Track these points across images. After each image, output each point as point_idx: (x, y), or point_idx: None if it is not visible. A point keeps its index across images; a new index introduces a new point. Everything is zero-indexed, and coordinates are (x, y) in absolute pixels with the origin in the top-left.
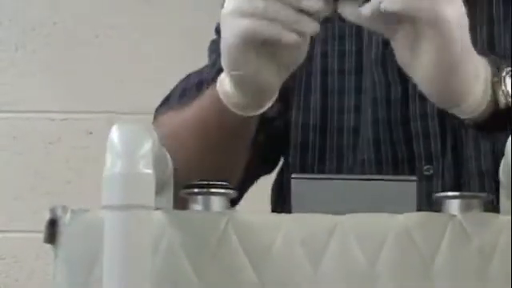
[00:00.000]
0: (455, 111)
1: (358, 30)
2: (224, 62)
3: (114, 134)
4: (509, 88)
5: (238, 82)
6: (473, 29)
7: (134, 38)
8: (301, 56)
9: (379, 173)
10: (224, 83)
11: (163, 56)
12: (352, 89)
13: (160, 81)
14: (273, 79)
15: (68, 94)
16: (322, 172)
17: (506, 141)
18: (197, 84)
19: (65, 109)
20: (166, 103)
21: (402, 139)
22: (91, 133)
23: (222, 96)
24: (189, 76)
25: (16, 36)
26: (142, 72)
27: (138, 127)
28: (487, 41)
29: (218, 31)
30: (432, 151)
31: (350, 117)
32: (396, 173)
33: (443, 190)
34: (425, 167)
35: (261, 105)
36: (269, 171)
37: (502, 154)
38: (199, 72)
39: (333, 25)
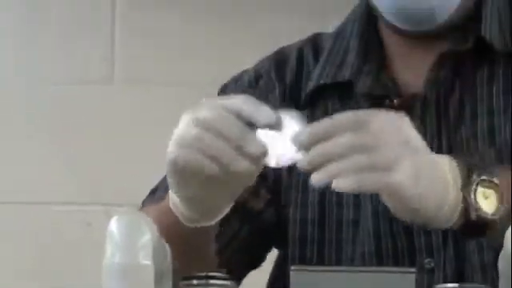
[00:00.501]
0: (430, 226)
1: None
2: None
3: (114, 225)
4: (479, 202)
5: (184, 201)
6: (473, 119)
7: (134, 130)
8: (248, 182)
9: (379, 265)
10: (173, 196)
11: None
12: None
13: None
14: (220, 202)
15: (67, 185)
16: (322, 264)
17: None
18: None
19: (63, 200)
20: (152, 195)
21: (402, 231)
22: (90, 224)
23: (171, 206)
24: None
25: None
26: (142, 165)
27: (137, 219)
28: (487, 131)
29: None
30: (433, 244)
31: (349, 211)
32: (396, 265)
33: (445, 283)
34: (426, 260)
35: (210, 220)
36: (255, 266)
37: None
38: None
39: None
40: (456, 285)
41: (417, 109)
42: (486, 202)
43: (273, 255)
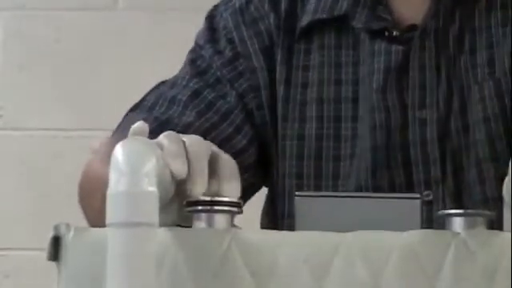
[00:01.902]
0: None
1: (355, 59)
2: None
3: (118, 151)
4: None
5: None
6: (473, 51)
7: (138, 57)
8: None
9: None
10: None
11: (168, 76)
12: (349, 117)
13: None
14: None
15: (71, 112)
16: None
17: None
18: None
19: (68, 126)
20: (135, 111)
21: (400, 165)
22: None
23: None
24: (161, 85)
25: (19, 54)
26: (144, 91)
27: (142, 145)
28: (487, 63)
29: (197, 43)
30: (431, 176)
31: (347, 144)
32: None
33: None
34: (424, 193)
35: None
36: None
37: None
38: (171, 84)
39: (329, 52)
40: (460, 211)
41: (416, 40)
42: None
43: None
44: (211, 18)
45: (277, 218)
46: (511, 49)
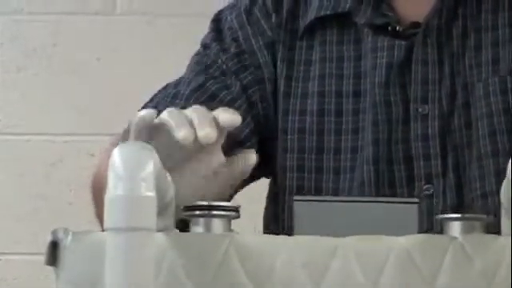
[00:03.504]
0: None
1: (358, 53)
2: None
3: (116, 155)
4: None
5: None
6: (477, 49)
7: (135, 60)
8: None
9: (377, 192)
10: None
11: (164, 78)
12: (350, 111)
13: None
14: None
15: (69, 116)
16: (319, 193)
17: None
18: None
19: (66, 131)
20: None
21: (401, 159)
22: (93, 155)
23: None
24: (167, 86)
25: (17, 58)
26: (142, 94)
27: (140, 149)
28: (492, 61)
29: (203, 44)
30: (432, 171)
31: (348, 138)
32: (394, 192)
33: (445, 210)
34: (425, 186)
35: None
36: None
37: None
38: (176, 84)
39: (331, 48)
40: (458, 215)
41: (419, 36)
42: None
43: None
44: (217, 21)
45: (278, 212)
46: None
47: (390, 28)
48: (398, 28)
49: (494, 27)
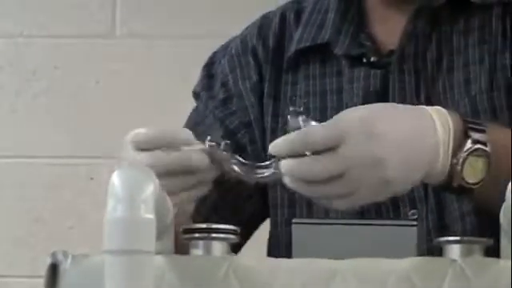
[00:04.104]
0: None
1: (339, 85)
2: None
3: (116, 178)
4: (464, 172)
5: None
6: (450, 71)
7: (135, 83)
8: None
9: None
10: None
11: (164, 100)
12: None
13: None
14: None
15: (69, 140)
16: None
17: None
18: None
19: (65, 154)
20: None
21: None
22: (92, 178)
23: None
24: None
25: (16, 81)
26: (142, 117)
27: (140, 171)
28: (463, 82)
29: (195, 94)
30: (415, 196)
31: None
32: (380, 218)
33: (428, 234)
34: (410, 212)
35: None
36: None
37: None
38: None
39: (314, 81)
40: (457, 238)
41: (394, 64)
42: (473, 171)
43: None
44: (209, 65)
45: (278, 246)
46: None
47: (364, 59)
48: (372, 59)
49: (465, 47)
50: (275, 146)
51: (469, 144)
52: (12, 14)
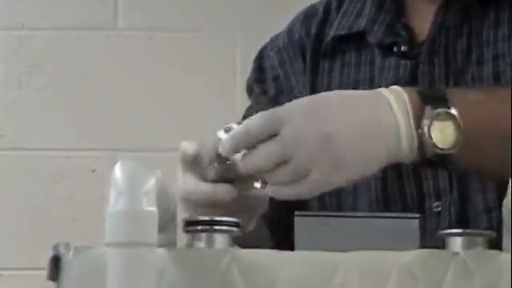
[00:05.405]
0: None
1: (371, 74)
2: None
3: (118, 171)
4: (434, 138)
5: None
6: (479, 64)
7: (136, 76)
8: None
9: (387, 211)
10: None
11: (165, 95)
12: None
13: (162, 119)
14: None
15: (71, 132)
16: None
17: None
18: None
19: (68, 146)
20: None
21: (411, 177)
22: (94, 170)
23: None
24: None
25: (18, 73)
26: (144, 108)
27: (141, 165)
28: (493, 76)
29: (248, 87)
30: (441, 188)
31: None
32: (405, 210)
33: (450, 226)
34: (434, 204)
35: None
36: None
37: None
38: None
39: (349, 70)
40: (460, 230)
41: (424, 55)
42: (443, 136)
43: None
44: (260, 59)
45: None
46: None
47: (395, 49)
48: (402, 48)
49: (495, 41)
50: (221, 146)
51: (429, 110)
52: (14, 6)
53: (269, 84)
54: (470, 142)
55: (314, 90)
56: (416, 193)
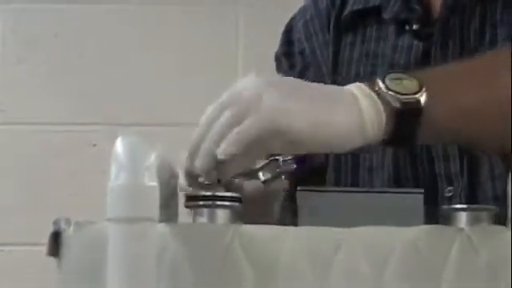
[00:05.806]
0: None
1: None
2: None
3: (119, 145)
4: (393, 88)
5: None
6: (492, 44)
7: (136, 50)
8: None
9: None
10: None
11: (165, 69)
12: None
13: (163, 93)
14: None
15: (71, 106)
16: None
17: None
18: None
19: (68, 121)
20: None
21: (424, 160)
22: (95, 145)
23: None
24: None
25: (18, 49)
26: (145, 83)
27: (142, 139)
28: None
29: (276, 58)
30: (452, 172)
31: None
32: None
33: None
34: (447, 189)
35: None
36: None
37: None
38: None
39: (369, 45)
40: (464, 206)
41: (437, 35)
42: (402, 86)
43: None
44: (288, 31)
45: None
46: None
47: (407, 27)
48: (414, 27)
49: (508, 21)
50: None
51: (380, 79)
52: None
53: (295, 58)
54: (436, 89)
55: (335, 63)
56: (428, 176)
